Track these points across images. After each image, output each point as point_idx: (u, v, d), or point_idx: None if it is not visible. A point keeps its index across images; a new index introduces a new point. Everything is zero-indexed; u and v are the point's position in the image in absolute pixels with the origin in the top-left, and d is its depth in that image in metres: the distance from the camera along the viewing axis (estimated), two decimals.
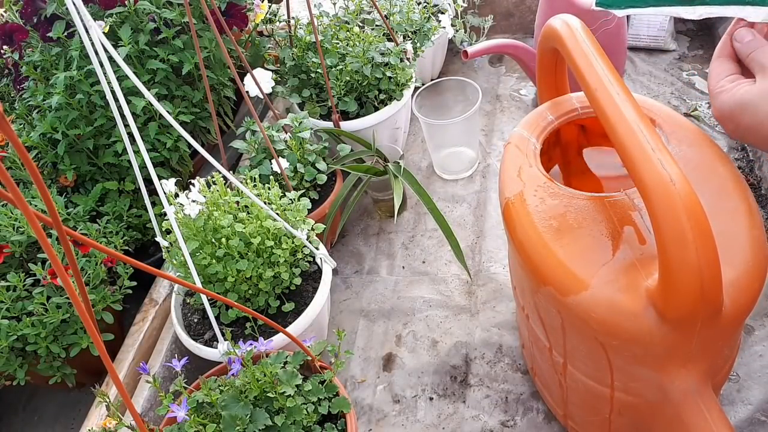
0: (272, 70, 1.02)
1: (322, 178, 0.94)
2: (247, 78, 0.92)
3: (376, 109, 1.04)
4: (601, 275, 0.49)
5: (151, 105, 0.94)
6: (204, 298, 0.68)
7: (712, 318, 0.45)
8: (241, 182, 0.77)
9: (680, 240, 0.41)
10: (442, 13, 1.24)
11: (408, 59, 1.07)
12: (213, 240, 0.74)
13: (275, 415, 0.60)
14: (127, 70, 0.54)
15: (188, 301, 0.82)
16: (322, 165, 0.95)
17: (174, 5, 0.97)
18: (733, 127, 0.49)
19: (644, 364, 0.50)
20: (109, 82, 0.56)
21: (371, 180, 0.98)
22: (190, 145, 0.99)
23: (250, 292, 0.76)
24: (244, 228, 0.73)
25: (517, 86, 1.27)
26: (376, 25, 1.14)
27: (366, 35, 1.06)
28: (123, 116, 0.60)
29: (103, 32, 0.88)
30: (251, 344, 0.65)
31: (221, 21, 0.81)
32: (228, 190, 0.77)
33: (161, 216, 0.85)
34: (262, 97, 0.92)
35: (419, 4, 1.21)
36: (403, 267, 0.98)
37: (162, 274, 0.45)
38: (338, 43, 1.05)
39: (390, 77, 1.03)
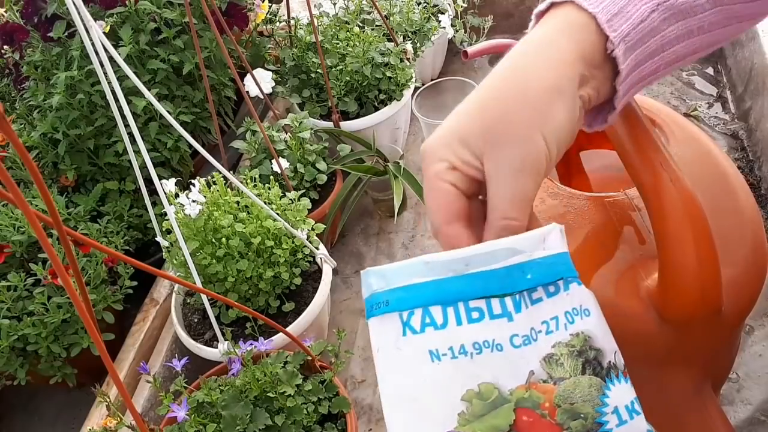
0: (272, 70, 1.02)
1: (322, 178, 0.94)
2: (248, 78, 0.92)
3: (376, 109, 1.04)
4: (601, 275, 0.49)
5: (152, 105, 0.94)
6: (204, 298, 0.68)
7: (712, 318, 0.45)
8: (242, 182, 0.77)
9: (680, 240, 0.41)
10: (442, 13, 1.24)
11: (408, 59, 1.07)
12: (213, 240, 0.74)
13: (275, 415, 0.60)
14: (128, 70, 0.55)
15: (188, 301, 0.82)
16: (322, 165, 0.95)
17: (174, 5, 0.97)
18: None
19: (644, 364, 0.50)
20: (109, 82, 0.56)
21: (371, 180, 0.98)
22: (190, 145, 0.99)
23: (250, 292, 0.76)
24: (245, 228, 0.73)
25: None
26: (376, 25, 1.14)
27: (366, 35, 1.06)
28: (123, 116, 0.60)
29: (104, 32, 0.88)
30: (251, 344, 0.65)
31: (221, 21, 0.81)
32: (228, 190, 0.77)
33: (162, 216, 0.85)
34: (262, 97, 0.92)
35: (419, 4, 1.21)
36: None
37: (162, 274, 0.45)
38: (338, 44, 1.05)
39: (390, 77, 1.03)
